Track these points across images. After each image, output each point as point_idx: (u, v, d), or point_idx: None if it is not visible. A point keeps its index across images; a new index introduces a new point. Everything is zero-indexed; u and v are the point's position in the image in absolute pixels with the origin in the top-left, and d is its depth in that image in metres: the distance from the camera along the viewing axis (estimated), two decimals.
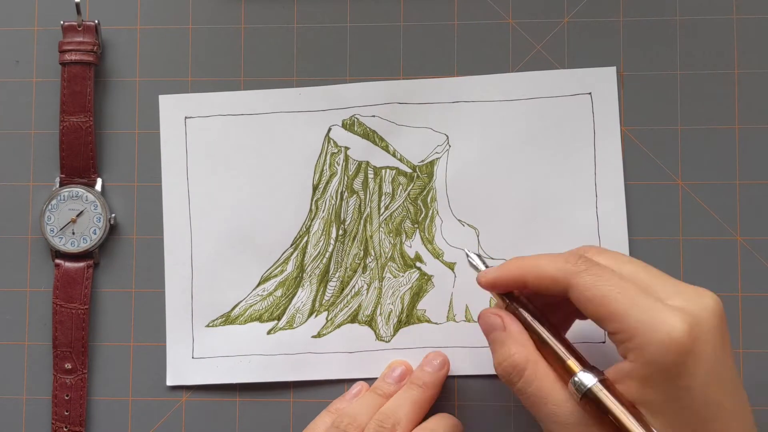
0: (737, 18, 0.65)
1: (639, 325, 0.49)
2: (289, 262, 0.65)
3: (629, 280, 0.51)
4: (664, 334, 0.48)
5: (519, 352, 0.54)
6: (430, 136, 0.65)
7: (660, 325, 0.49)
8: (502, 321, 0.56)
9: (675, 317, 0.49)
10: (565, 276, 0.52)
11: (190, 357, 0.65)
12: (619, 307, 0.50)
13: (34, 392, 0.66)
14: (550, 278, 0.53)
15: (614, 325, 0.50)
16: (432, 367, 0.63)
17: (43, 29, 0.67)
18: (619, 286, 0.51)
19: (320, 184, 0.65)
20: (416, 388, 0.62)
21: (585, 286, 0.51)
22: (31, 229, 0.66)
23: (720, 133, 0.65)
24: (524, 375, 0.53)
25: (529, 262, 0.55)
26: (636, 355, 0.49)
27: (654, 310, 0.49)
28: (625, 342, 0.50)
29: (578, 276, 0.52)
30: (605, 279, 0.51)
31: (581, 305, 0.52)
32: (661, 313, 0.49)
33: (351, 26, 0.66)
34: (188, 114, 0.66)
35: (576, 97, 0.65)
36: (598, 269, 0.52)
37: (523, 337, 0.55)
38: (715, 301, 0.51)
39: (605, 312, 0.50)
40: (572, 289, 0.52)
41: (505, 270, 0.56)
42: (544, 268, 0.54)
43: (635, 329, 0.49)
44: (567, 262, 0.53)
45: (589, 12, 0.66)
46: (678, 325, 0.48)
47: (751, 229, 0.64)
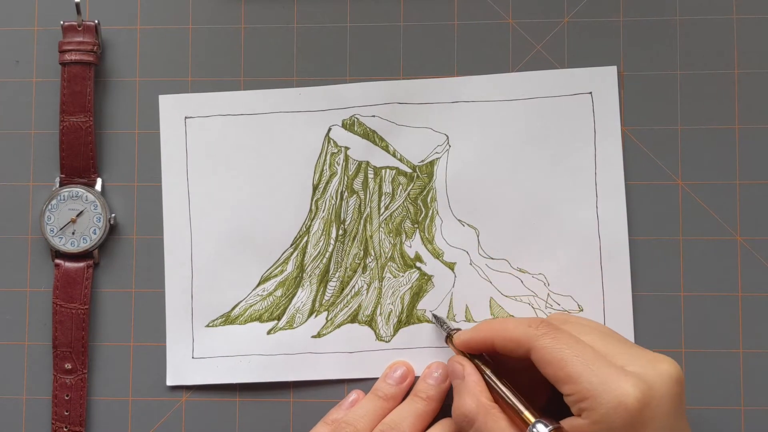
0: (737, 18, 0.65)
1: (591, 387, 0.51)
2: (289, 262, 0.65)
3: (587, 345, 0.54)
4: (614, 398, 0.50)
5: (471, 401, 0.57)
6: (430, 136, 0.65)
7: (612, 390, 0.51)
8: (463, 370, 0.59)
9: (627, 383, 0.51)
10: (528, 339, 0.55)
11: (190, 357, 0.65)
12: (574, 370, 0.52)
13: (34, 392, 0.66)
14: (514, 341, 0.56)
15: (569, 386, 0.52)
16: (435, 380, 0.63)
17: (43, 29, 0.67)
18: (576, 350, 0.53)
19: (320, 184, 0.65)
20: (420, 400, 0.62)
21: (545, 349, 0.54)
22: (31, 229, 0.66)
23: (720, 133, 0.65)
24: (474, 424, 0.56)
25: (496, 325, 0.58)
26: (588, 414, 0.51)
27: (608, 374, 0.51)
28: (579, 402, 0.52)
29: (538, 339, 0.54)
30: (563, 343, 0.54)
31: (541, 367, 0.54)
32: (614, 378, 0.51)
33: (351, 26, 0.66)
34: (188, 114, 0.66)
35: (576, 97, 0.65)
36: (557, 333, 0.55)
37: (478, 387, 0.58)
38: (672, 367, 0.53)
39: (562, 374, 0.53)
40: (533, 352, 0.55)
41: (476, 332, 0.59)
42: (510, 332, 0.56)
43: (588, 391, 0.51)
44: (530, 327, 0.56)
45: (589, 12, 0.66)
46: (629, 391, 0.50)
47: (751, 229, 0.64)
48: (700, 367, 0.64)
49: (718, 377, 0.64)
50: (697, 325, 0.64)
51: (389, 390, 0.63)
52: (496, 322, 0.59)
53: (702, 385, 0.64)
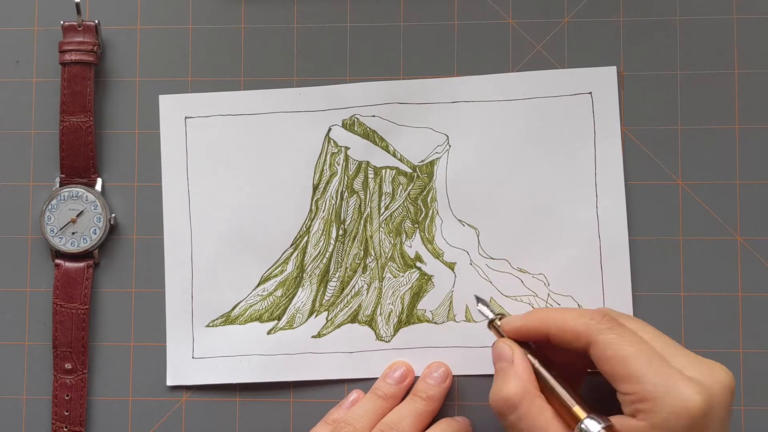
0: (737, 18, 0.65)
1: (655, 389, 0.50)
2: (289, 262, 0.65)
3: (650, 345, 0.52)
4: (679, 402, 0.49)
5: (517, 385, 0.55)
6: (430, 136, 0.65)
7: (676, 393, 0.50)
8: (512, 354, 0.57)
9: (691, 388, 0.50)
10: (588, 332, 0.53)
11: (190, 357, 0.65)
12: (637, 369, 0.51)
13: (34, 392, 0.66)
14: (574, 332, 0.54)
15: (630, 386, 0.51)
16: (434, 380, 0.63)
17: (43, 29, 0.67)
18: (640, 348, 0.52)
19: (320, 184, 0.65)
20: (420, 400, 0.62)
21: (607, 344, 0.52)
22: (31, 229, 0.66)
23: (720, 133, 0.65)
24: (517, 409, 0.54)
25: (554, 315, 0.56)
26: (647, 415, 0.50)
27: (672, 377, 0.50)
28: (637, 403, 0.50)
29: (602, 333, 0.53)
30: (627, 340, 0.52)
31: (600, 362, 0.53)
32: (679, 382, 0.50)
33: (351, 26, 0.66)
34: (188, 114, 0.66)
35: (576, 97, 0.65)
36: (621, 329, 0.53)
37: (527, 373, 0.56)
38: (728, 376, 0.52)
39: (623, 372, 0.51)
40: (594, 346, 0.53)
41: (528, 320, 0.57)
42: (569, 323, 0.55)
43: (651, 393, 0.50)
44: (592, 319, 0.54)
45: (589, 12, 0.66)
46: (694, 397, 0.49)
47: (751, 229, 0.64)
48: None
49: None
50: (697, 325, 0.64)
51: (389, 389, 0.63)
52: (553, 312, 0.57)
53: None
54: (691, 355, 0.53)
